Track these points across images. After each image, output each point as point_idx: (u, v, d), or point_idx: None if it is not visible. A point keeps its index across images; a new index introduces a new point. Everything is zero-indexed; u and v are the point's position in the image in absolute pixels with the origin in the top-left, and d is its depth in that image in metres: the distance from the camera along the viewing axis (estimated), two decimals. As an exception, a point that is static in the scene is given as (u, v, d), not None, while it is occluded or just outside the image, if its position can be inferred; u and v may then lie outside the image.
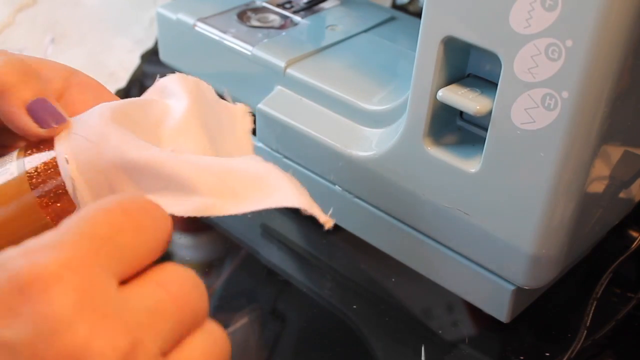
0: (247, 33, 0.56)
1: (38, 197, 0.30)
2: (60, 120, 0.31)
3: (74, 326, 0.21)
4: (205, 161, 0.30)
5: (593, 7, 0.33)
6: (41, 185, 0.31)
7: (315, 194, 0.53)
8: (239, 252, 0.54)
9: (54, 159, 0.31)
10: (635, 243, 0.48)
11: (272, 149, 0.54)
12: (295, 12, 0.59)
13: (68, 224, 0.23)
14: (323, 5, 0.60)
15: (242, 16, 0.59)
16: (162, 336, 0.24)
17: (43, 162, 0.31)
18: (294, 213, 0.55)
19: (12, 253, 0.22)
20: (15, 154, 0.32)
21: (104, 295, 0.22)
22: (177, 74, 0.34)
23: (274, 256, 0.53)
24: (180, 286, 0.24)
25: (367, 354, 0.46)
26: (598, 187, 0.42)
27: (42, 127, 0.30)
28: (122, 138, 0.30)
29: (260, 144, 0.55)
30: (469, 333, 0.47)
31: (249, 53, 0.54)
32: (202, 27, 0.58)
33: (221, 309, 0.49)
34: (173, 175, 0.29)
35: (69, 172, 0.30)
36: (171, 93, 0.34)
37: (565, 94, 0.35)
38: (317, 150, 0.50)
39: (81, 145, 0.30)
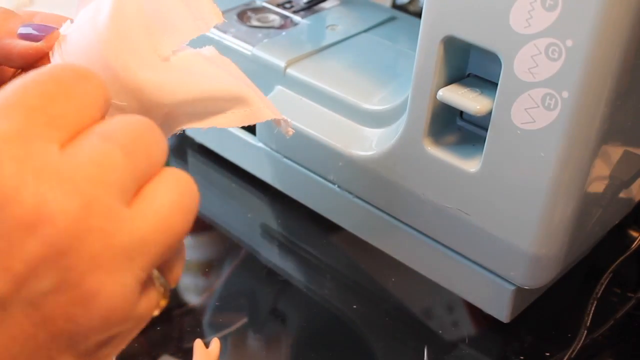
0: (247, 33, 0.56)
1: None
2: (51, 29, 0.32)
3: (20, 194, 0.21)
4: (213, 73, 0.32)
5: (593, 7, 0.33)
6: None
7: (316, 194, 0.53)
8: (239, 252, 0.54)
9: None
10: (635, 243, 0.48)
11: (272, 149, 0.54)
12: (295, 12, 0.59)
13: None
14: (323, 5, 0.60)
15: (242, 16, 0.59)
16: (118, 187, 0.23)
17: None
18: (294, 213, 0.55)
19: None
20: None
21: (44, 159, 0.22)
22: None
23: (274, 256, 0.53)
24: (128, 133, 0.24)
25: (367, 354, 0.46)
26: (598, 187, 0.42)
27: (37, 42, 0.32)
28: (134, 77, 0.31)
29: (260, 144, 0.55)
30: (469, 333, 0.47)
31: (249, 53, 0.54)
32: (202, 27, 0.58)
33: (221, 309, 0.49)
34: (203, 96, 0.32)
35: None
36: None
37: (565, 94, 0.35)
38: (317, 150, 0.50)
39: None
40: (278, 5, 0.60)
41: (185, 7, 0.33)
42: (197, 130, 0.57)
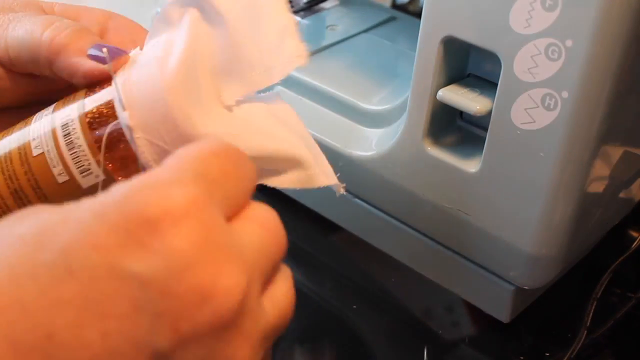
0: (247, 33, 0.56)
1: (95, 141, 0.31)
2: (120, 54, 0.32)
3: (203, 263, 0.21)
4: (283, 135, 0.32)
5: (593, 7, 0.33)
6: (100, 128, 0.31)
7: (315, 194, 0.53)
8: (239, 252, 0.54)
9: (111, 103, 0.31)
10: (635, 243, 0.48)
11: (272, 149, 0.54)
12: (295, 12, 0.59)
13: (180, 162, 0.24)
14: (323, 5, 0.60)
15: (242, 16, 0.59)
16: (264, 274, 0.25)
17: (101, 105, 0.31)
18: (294, 213, 0.55)
19: (135, 186, 0.22)
20: (76, 97, 0.32)
21: (224, 233, 0.23)
22: None
23: (274, 256, 0.53)
24: (276, 225, 0.26)
25: (367, 354, 0.46)
26: (598, 187, 0.42)
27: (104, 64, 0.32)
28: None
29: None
30: (469, 333, 0.47)
31: (249, 53, 0.54)
32: (202, 27, 0.57)
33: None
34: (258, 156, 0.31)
35: (127, 121, 0.30)
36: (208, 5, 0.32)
37: (565, 94, 0.35)
38: (317, 150, 0.50)
39: (158, 151, 0.30)
40: (278, 5, 0.60)
41: (258, 54, 0.32)
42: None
